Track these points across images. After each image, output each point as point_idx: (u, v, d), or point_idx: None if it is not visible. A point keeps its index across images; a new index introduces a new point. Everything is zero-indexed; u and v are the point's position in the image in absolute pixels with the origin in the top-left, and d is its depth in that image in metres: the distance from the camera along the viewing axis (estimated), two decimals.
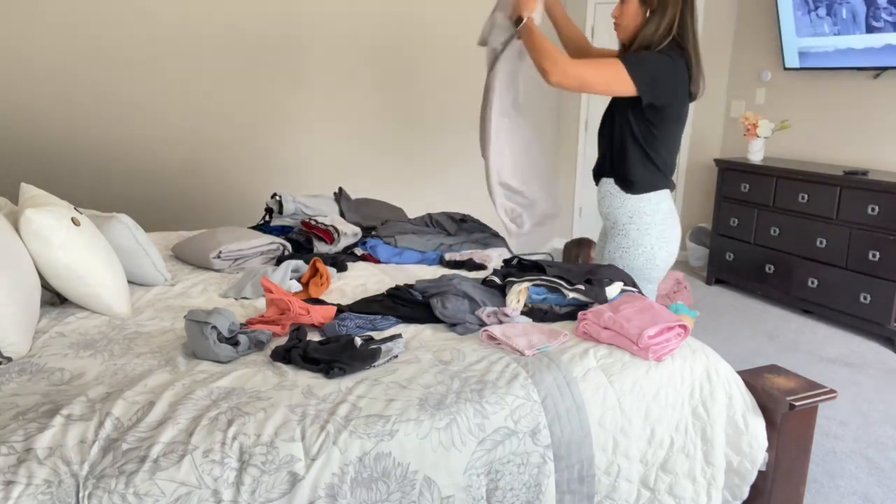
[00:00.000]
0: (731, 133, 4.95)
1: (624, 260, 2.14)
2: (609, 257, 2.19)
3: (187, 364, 1.55)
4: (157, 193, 3.81)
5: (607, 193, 2.17)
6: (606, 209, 2.19)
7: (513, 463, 1.40)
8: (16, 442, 1.20)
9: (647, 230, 2.10)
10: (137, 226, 2.15)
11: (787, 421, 1.65)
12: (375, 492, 1.28)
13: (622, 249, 2.14)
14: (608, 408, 1.51)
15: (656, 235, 2.10)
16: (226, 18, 3.78)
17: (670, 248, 2.14)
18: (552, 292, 1.89)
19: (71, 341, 1.68)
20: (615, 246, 2.16)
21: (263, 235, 2.53)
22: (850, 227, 3.70)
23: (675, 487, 1.59)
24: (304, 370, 1.51)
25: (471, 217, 2.84)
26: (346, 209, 2.97)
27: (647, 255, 2.11)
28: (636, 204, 2.10)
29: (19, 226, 1.75)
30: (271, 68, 3.98)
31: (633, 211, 2.11)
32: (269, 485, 1.21)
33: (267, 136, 4.07)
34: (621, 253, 2.14)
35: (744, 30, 4.76)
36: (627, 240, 2.13)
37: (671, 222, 2.13)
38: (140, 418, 1.29)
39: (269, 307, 1.83)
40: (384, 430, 1.31)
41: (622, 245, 2.14)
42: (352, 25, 4.16)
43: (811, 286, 3.93)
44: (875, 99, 4.00)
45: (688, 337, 1.71)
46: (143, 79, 3.64)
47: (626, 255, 2.13)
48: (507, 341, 1.64)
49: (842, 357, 3.42)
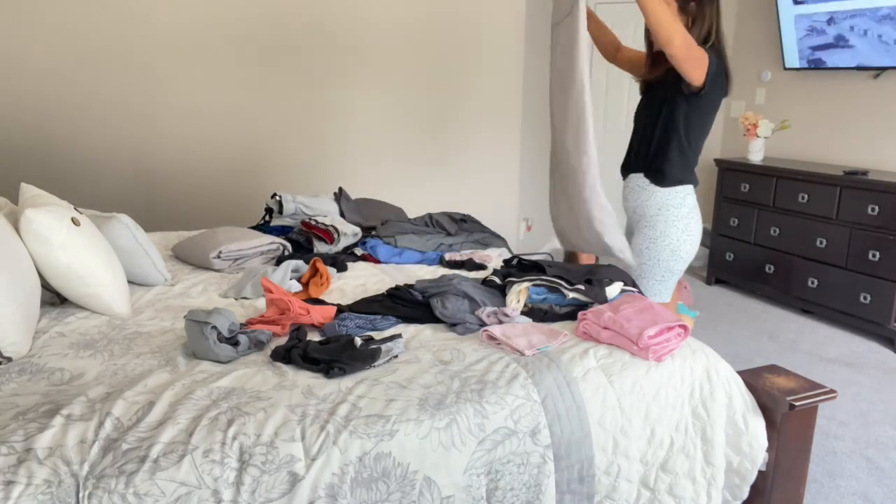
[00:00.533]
0: (731, 133, 4.95)
1: (651, 251, 2.24)
2: (636, 248, 2.29)
3: (187, 364, 1.55)
4: (157, 193, 3.81)
5: (636, 187, 2.27)
6: (634, 203, 2.29)
7: (513, 463, 1.40)
8: (16, 442, 1.20)
9: (673, 223, 2.21)
10: (137, 226, 2.14)
11: (787, 421, 1.65)
12: (375, 492, 1.28)
13: (649, 241, 2.24)
14: (608, 408, 1.51)
15: (682, 228, 2.22)
16: (225, 19, 3.78)
17: (694, 242, 2.25)
18: (552, 292, 1.89)
19: (71, 341, 1.68)
20: (643, 237, 2.26)
21: (263, 235, 2.53)
22: (850, 227, 3.69)
23: (675, 487, 1.59)
24: (304, 370, 1.51)
25: (471, 217, 2.84)
26: (346, 209, 2.97)
27: (672, 247, 2.22)
28: (664, 197, 2.21)
29: (19, 226, 1.75)
30: (271, 68, 3.98)
31: (661, 203, 2.22)
32: (269, 485, 1.22)
33: (267, 136, 4.07)
34: (648, 244, 2.24)
35: (744, 30, 4.76)
36: (655, 231, 2.23)
37: (695, 216, 2.25)
38: (140, 418, 1.29)
39: (269, 307, 1.83)
40: (384, 430, 1.31)
41: (649, 236, 2.24)
42: (351, 25, 4.16)
43: (811, 286, 3.93)
44: (875, 99, 4.00)
45: (688, 337, 1.71)
46: (143, 79, 3.64)
47: (652, 247, 2.23)
48: (507, 341, 1.64)
49: (842, 357, 3.42)
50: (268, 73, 3.97)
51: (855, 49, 3.90)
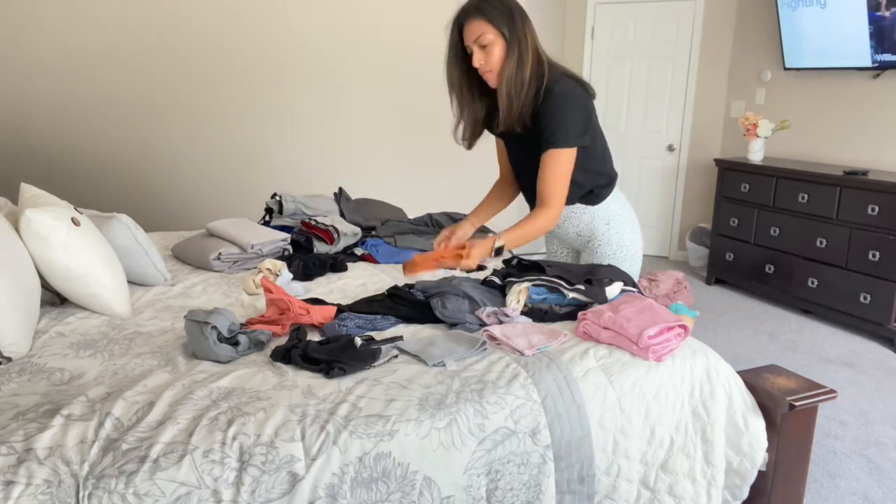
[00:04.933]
0: (731, 133, 4.95)
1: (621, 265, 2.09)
2: None
3: (187, 364, 1.55)
4: (157, 193, 3.81)
5: (571, 214, 2.08)
6: (577, 228, 2.10)
7: (513, 463, 1.40)
8: (16, 442, 1.20)
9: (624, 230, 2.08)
10: (137, 226, 2.14)
11: (787, 421, 1.65)
12: (375, 492, 1.28)
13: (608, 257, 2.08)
14: (608, 408, 1.51)
15: (630, 230, 2.09)
16: (225, 19, 3.78)
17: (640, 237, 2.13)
18: (552, 292, 1.89)
19: (71, 341, 1.68)
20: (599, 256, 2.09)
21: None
22: (850, 227, 3.69)
23: (675, 487, 1.59)
24: (304, 370, 1.51)
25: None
26: (346, 209, 2.97)
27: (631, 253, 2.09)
28: (605, 211, 2.06)
29: (19, 226, 1.75)
30: (271, 69, 3.98)
31: (607, 217, 2.06)
32: (269, 485, 1.21)
33: (267, 137, 4.07)
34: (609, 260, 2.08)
35: (744, 30, 4.76)
36: (611, 246, 2.08)
37: (631, 212, 2.11)
38: (140, 418, 1.29)
39: (269, 307, 1.83)
40: (384, 430, 1.31)
41: (606, 253, 2.08)
42: (350, 26, 4.16)
43: (811, 286, 3.93)
44: (875, 99, 4.00)
45: (688, 337, 1.71)
46: (143, 79, 3.64)
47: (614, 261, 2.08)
48: (507, 341, 1.63)
49: (842, 357, 3.42)
50: (268, 73, 3.97)
51: (855, 49, 3.89)
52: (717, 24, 4.88)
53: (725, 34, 4.87)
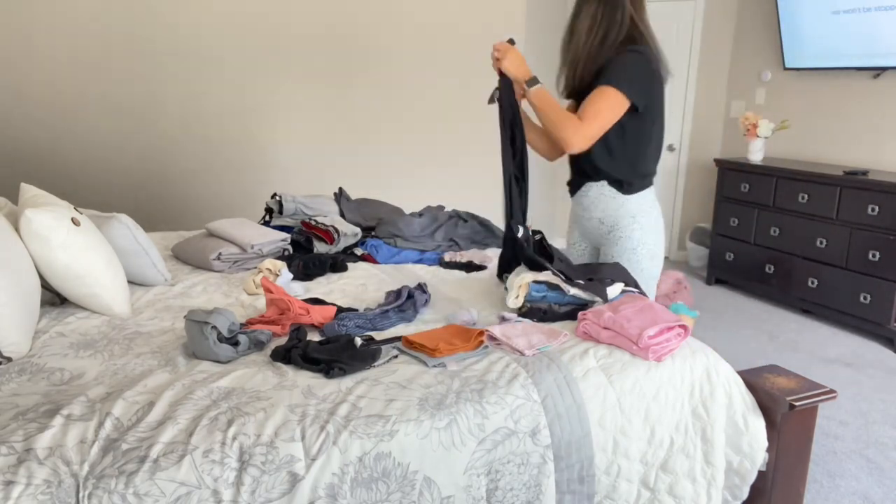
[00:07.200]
0: (731, 133, 4.95)
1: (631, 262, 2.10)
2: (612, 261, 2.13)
3: (187, 364, 1.55)
4: (157, 193, 3.81)
5: (600, 196, 2.10)
6: (601, 213, 2.12)
7: (513, 463, 1.40)
8: (16, 442, 1.20)
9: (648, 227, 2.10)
10: (137, 226, 2.14)
11: (787, 421, 1.65)
12: (375, 492, 1.28)
13: (629, 251, 2.09)
14: (608, 408, 1.51)
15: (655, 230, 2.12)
16: (224, 19, 3.78)
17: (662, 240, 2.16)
18: (552, 290, 1.89)
19: (71, 341, 1.68)
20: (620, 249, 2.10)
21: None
22: (850, 227, 3.69)
23: (675, 487, 1.59)
24: (304, 370, 1.51)
25: (476, 216, 2.83)
26: (346, 209, 2.97)
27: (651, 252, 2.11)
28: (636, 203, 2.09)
29: (19, 226, 1.75)
30: (271, 68, 3.98)
31: (634, 211, 2.08)
32: (269, 485, 1.21)
33: (266, 137, 4.07)
34: (628, 255, 2.09)
35: (744, 30, 4.76)
36: (632, 241, 2.09)
37: (658, 214, 2.14)
38: (140, 418, 1.29)
39: (269, 307, 1.83)
40: (384, 430, 1.31)
41: (627, 247, 2.09)
42: (350, 26, 4.16)
43: (811, 286, 3.93)
44: (875, 99, 4.00)
45: (688, 337, 1.71)
46: (143, 79, 3.64)
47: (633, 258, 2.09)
48: (507, 341, 1.63)
49: (842, 357, 3.42)
50: (268, 73, 3.97)
51: (854, 48, 3.89)
52: (717, 23, 4.88)
53: (725, 34, 4.87)
